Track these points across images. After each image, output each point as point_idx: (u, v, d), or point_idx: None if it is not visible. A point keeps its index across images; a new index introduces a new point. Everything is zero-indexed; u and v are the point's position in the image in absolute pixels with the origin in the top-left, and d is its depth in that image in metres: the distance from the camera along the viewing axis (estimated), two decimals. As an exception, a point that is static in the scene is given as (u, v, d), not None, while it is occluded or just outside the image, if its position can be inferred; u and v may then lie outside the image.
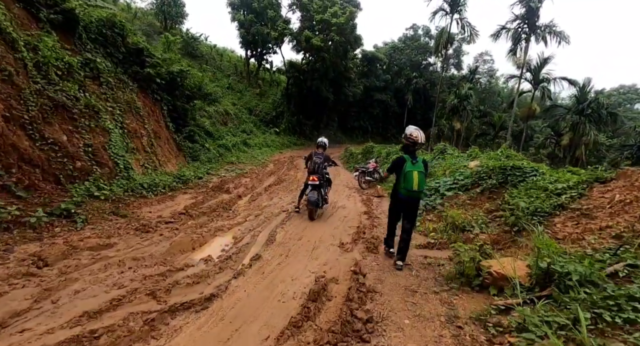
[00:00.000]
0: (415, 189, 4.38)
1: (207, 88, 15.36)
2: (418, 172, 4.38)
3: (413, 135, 4.51)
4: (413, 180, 4.37)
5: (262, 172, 14.09)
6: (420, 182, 4.39)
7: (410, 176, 4.38)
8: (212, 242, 5.45)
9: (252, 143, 22.73)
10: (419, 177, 4.37)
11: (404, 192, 4.49)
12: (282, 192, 10.08)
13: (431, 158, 12.99)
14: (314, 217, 7.08)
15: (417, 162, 4.46)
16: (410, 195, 4.49)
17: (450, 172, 9.79)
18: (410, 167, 4.41)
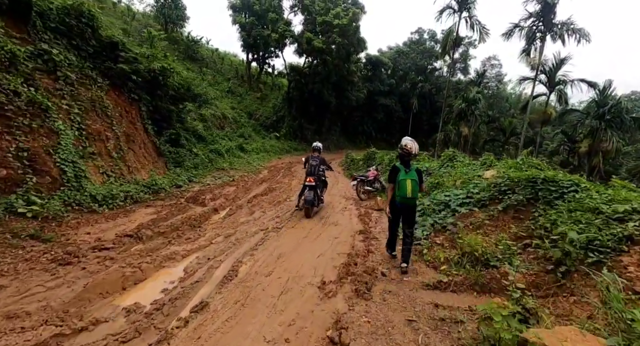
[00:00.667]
0: (408, 196, 4.64)
1: (197, 88, 14.15)
2: (411, 180, 4.65)
3: (407, 146, 4.77)
4: (406, 188, 4.63)
5: (252, 180, 12.72)
6: (413, 189, 4.66)
7: (404, 184, 4.65)
8: (152, 278, 4.07)
9: (249, 148, 21.46)
10: (412, 185, 4.64)
11: (399, 199, 4.73)
12: (267, 204, 8.68)
13: (438, 165, 11.52)
14: (310, 214, 7.58)
15: (410, 170, 4.74)
16: (405, 202, 4.73)
17: (462, 183, 8.31)
18: (404, 175, 4.68)
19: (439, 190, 8.71)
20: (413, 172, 4.72)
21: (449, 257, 4.82)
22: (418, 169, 4.84)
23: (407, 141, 4.84)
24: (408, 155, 4.79)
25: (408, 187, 4.61)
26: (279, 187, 11.57)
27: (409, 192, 4.61)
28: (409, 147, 4.77)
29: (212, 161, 14.69)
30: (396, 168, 4.83)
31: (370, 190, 10.82)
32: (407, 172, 4.70)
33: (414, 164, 4.92)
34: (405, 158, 4.83)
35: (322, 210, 8.49)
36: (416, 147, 4.85)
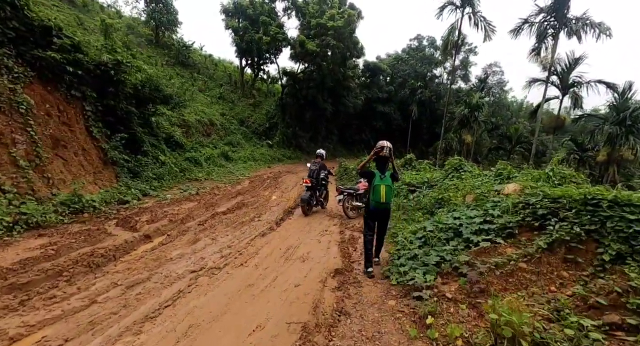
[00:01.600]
0: (382, 201, 4.70)
1: (168, 89, 12.32)
2: (385, 185, 4.67)
3: (380, 144, 4.76)
4: (380, 193, 4.66)
5: (224, 193, 10.71)
6: (387, 195, 4.69)
7: (378, 189, 4.67)
8: None
9: (235, 156, 19.54)
10: (386, 190, 4.67)
11: (373, 203, 4.75)
12: (225, 226, 6.65)
13: (442, 176, 9.50)
14: (307, 213, 8.22)
15: (385, 177, 4.71)
16: (378, 207, 4.78)
17: (476, 200, 6.28)
18: (379, 181, 4.68)
19: (445, 209, 6.67)
20: (388, 178, 4.73)
21: (471, 339, 2.77)
22: (392, 174, 4.86)
23: (383, 142, 4.80)
24: (381, 149, 4.72)
25: (382, 193, 4.65)
26: (253, 202, 9.56)
27: (382, 197, 4.67)
28: (381, 144, 4.77)
29: (185, 171, 12.75)
30: (372, 173, 4.83)
31: (360, 205, 8.79)
32: (382, 177, 4.70)
33: (389, 169, 4.88)
34: (380, 162, 4.82)
35: (296, 233, 6.49)
36: (388, 145, 4.78)
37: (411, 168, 12.28)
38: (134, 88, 10.80)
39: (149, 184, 9.76)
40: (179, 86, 16.82)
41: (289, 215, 8.21)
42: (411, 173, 11.24)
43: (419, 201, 8.42)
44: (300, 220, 7.85)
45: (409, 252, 5.10)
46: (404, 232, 6.27)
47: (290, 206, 9.33)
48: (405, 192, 9.78)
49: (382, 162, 4.81)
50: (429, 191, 9.03)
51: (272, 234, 6.34)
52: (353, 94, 30.39)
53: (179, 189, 10.43)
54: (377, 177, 4.73)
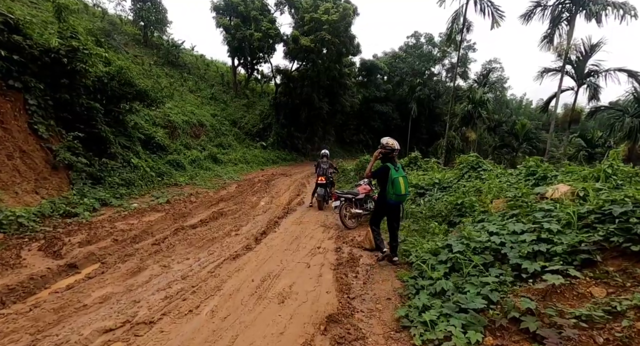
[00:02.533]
0: (403, 193, 4.53)
1: (141, 84, 10.80)
2: (403, 177, 4.53)
3: (389, 143, 4.62)
4: (400, 185, 4.47)
5: (204, 200, 9.17)
6: (406, 186, 4.55)
7: (398, 182, 4.46)
8: None
9: (225, 159, 18.00)
10: (404, 182, 4.52)
11: (394, 197, 4.53)
12: (188, 246, 5.09)
13: (455, 176, 7.98)
14: (322, 207, 8.83)
15: (399, 168, 4.61)
16: (399, 200, 4.65)
17: (511, 208, 4.75)
18: (395, 173, 4.50)
19: (470, 219, 5.13)
20: (401, 170, 4.64)
21: None
22: (402, 166, 4.75)
23: (387, 139, 4.74)
24: (392, 151, 4.62)
25: (402, 184, 4.49)
26: (234, 211, 8.02)
27: (403, 188, 4.51)
28: (391, 144, 4.63)
29: (163, 175, 11.21)
30: (387, 167, 4.58)
31: (360, 213, 7.26)
32: (397, 169, 4.56)
33: (399, 162, 4.76)
34: (389, 156, 4.65)
35: (279, 253, 4.95)
36: (396, 143, 4.67)
37: (416, 167, 10.77)
38: (100, 82, 9.30)
39: (114, 191, 8.20)
40: (166, 84, 15.30)
41: (275, 227, 6.67)
42: (417, 173, 9.72)
43: (431, 207, 6.89)
44: (288, 233, 6.31)
45: (431, 283, 3.58)
46: (419, 249, 4.75)
47: (278, 215, 7.80)
48: (413, 195, 8.25)
49: (392, 154, 4.64)
50: (441, 194, 7.51)
51: (247, 255, 4.79)
52: (350, 93, 28.90)
53: (151, 196, 8.88)
54: (392, 169, 4.52)
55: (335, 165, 9.99)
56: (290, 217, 7.80)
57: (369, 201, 7.75)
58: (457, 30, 18.52)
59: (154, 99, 11.42)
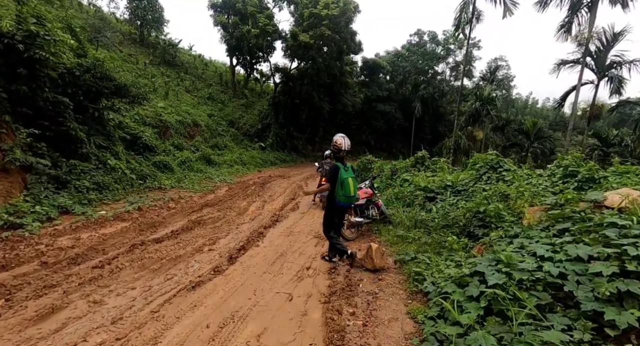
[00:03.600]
0: (352, 194, 4.31)
1: (120, 78, 9.76)
2: (352, 178, 4.33)
3: (337, 142, 4.38)
4: (350, 186, 4.27)
5: (186, 205, 8.08)
6: (354, 187, 4.35)
7: (347, 183, 4.25)
8: None
9: (220, 160, 16.94)
10: (353, 183, 4.32)
11: (343, 198, 4.28)
12: (140, 269, 3.96)
13: (471, 179, 6.81)
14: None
15: (348, 169, 4.41)
16: (348, 202, 4.38)
17: (555, 219, 3.58)
18: (345, 174, 4.28)
19: (499, 232, 3.97)
20: (350, 170, 4.43)
21: None
22: (352, 166, 4.56)
23: (337, 137, 4.46)
24: (338, 151, 4.35)
25: (351, 185, 4.27)
26: (216, 218, 6.91)
27: (352, 190, 4.29)
28: (339, 143, 4.35)
29: (146, 178, 10.15)
30: (337, 168, 4.31)
31: (360, 222, 6.13)
32: (346, 170, 4.33)
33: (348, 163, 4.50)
34: (337, 156, 4.41)
35: (254, 278, 3.82)
36: (347, 143, 4.42)
37: (424, 168, 9.60)
38: (70, 74, 8.25)
39: (81, 197, 7.13)
40: (160, 83, 14.25)
41: (258, 239, 5.54)
42: (425, 174, 8.56)
43: (445, 214, 5.73)
44: (273, 247, 5.18)
45: (460, 333, 2.44)
46: (435, 272, 3.61)
47: (266, 223, 6.68)
48: (421, 199, 7.10)
49: (338, 154, 4.40)
50: (456, 199, 6.35)
51: (213, 282, 3.67)
52: (352, 92, 27.79)
53: (126, 202, 7.80)
54: (342, 169, 4.29)
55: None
56: (280, 226, 6.67)
57: (370, 207, 6.61)
58: (465, 19, 17.29)
59: (136, 95, 10.36)
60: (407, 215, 6.45)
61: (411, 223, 6.15)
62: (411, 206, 7.18)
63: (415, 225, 6.06)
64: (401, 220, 6.40)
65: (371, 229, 6.55)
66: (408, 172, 9.47)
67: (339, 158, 4.41)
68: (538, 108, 43.96)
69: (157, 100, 18.71)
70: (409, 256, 4.57)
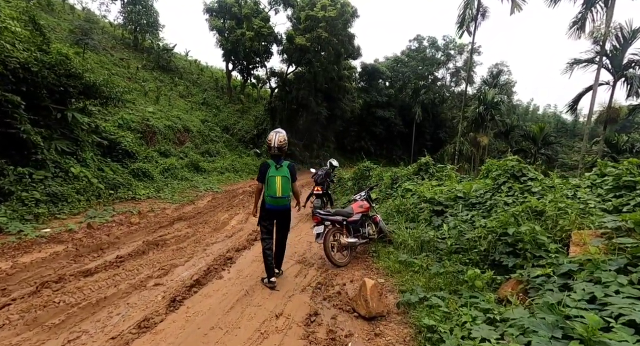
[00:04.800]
0: (279, 195, 3.73)
1: (90, 77, 8.67)
2: (281, 176, 3.75)
3: (269, 138, 3.85)
4: (276, 186, 3.72)
5: (154, 220, 6.90)
6: (283, 187, 3.74)
7: (273, 181, 3.73)
8: None
9: (210, 167, 15.81)
10: (281, 182, 3.74)
11: (268, 199, 3.78)
12: (28, 325, 2.76)
13: (486, 189, 5.61)
14: None
15: (281, 166, 3.80)
16: (276, 204, 3.78)
17: (627, 252, 2.39)
18: (274, 172, 3.76)
19: (544, 271, 2.75)
20: (285, 169, 3.80)
21: None
22: (291, 165, 3.92)
23: (271, 132, 3.88)
24: (268, 148, 3.84)
25: (277, 185, 3.71)
26: (184, 236, 5.71)
27: (278, 189, 3.71)
28: (269, 139, 3.82)
29: (118, 187, 9.00)
30: (266, 165, 3.85)
31: (354, 243, 4.93)
32: (277, 168, 3.77)
33: (286, 161, 3.87)
34: (271, 153, 3.84)
35: (196, 337, 2.61)
36: (276, 139, 3.77)
37: (428, 176, 8.41)
38: (26, 70, 7.16)
39: (26, 211, 5.96)
40: (152, 87, 13.19)
41: (224, 267, 4.35)
42: (430, 183, 7.37)
43: (458, 234, 4.53)
44: (239, 280, 3.98)
45: None
46: (458, 332, 2.41)
47: (241, 243, 5.50)
48: (428, 213, 5.90)
49: (272, 151, 3.80)
50: (469, 214, 5.15)
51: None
52: (350, 97, 26.74)
53: (84, 216, 6.63)
54: (272, 167, 3.76)
55: (332, 176, 8.61)
56: (259, 246, 5.47)
57: (367, 224, 5.42)
58: (470, 16, 16.25)
59: (109, 96, 9.26)
60: (411, 234, 5.25)
61: (416, 244, 4.95)
62: (415, 221, 5.98)
63: (422, 247, 4.86)
64: (404, 239, 5.20)
65: (367, 251, 5.35)
66: (410, 180, 8.27)
67: (272, 156, 3.86)
68: (539, 115, 42.87)
69: (147, 104, 17.74)
70: (416, 295, 3.36)
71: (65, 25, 19.51)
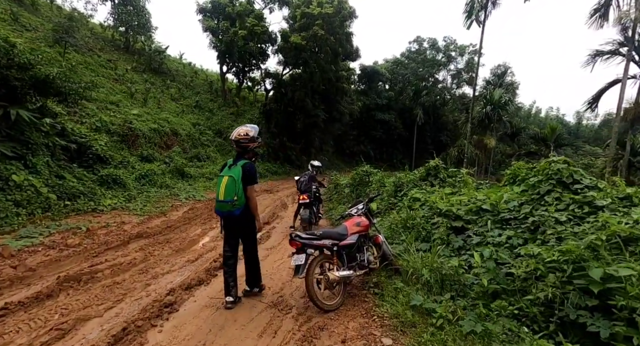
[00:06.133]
0: (221, 199, 3.16)
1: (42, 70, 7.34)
2: (228, 177, 3.18)
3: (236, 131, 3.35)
4: (220, 187, 3.19)
5: (101, 241, 5.51)
6: (227, 189, 3.13)
7: (219, 182, 3.25)
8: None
9: (197, 173, 14.45)
10: (227, 182, 3.15)
11: (216, 205, 3.30)
12: None
13: (525, 198, 4.20)
14: None
15: (234, 165, 3.24)
16: (219, 208, 3.25)
17: None
18: (225, 171, 3.30)
19: None
20: (237, 168, 3.20)
21: None
22: (247, 164, 3.27)
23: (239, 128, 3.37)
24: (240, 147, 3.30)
25: (222, 186, 3.17)
26: (126, 265, 4.31)
27: (221, 192, 3.17)
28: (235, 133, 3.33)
29: (78, 197, 7.66)
30: (225, 163, 3.46)
31: (347, 277, 3.51)
32: (230, 167, 3.29)
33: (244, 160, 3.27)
34: (238, 150, 3.35)
35: None
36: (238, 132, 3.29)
37: (438, 182, 7.00)
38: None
39: None
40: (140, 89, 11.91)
41: (157, 319, 2.94)
42: (443, 191, 5.96)
43: (497, 269, 3.12)
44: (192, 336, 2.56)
45: None
46: None
47: (200, 274, 4.09)
48: (444, 231, 4.50)
49: (239, 149, 3.34)
50: (505, 234, 3.75)
51: None
52: (349, 99, 25.45)
53: (14, 237, 5.23)
54: (227, 167, 3.34)
55: (321, 179, 7.84)
56: (220, 280, 4.05)
57: (366, 248, 4.01)
58: (479, 4, 14.91)
59: (67, 92, 7.92)
60: (425, 261, 3.84)
61: (433, 277, 3.53)
62: (429, 241, 4.58)
63: (442, 282, 3.45)
64: (416, 268, 3.79)
65: (366, 283, 3.94)
66: (418, 187, 6.87)
67: (237, 154, 3.40)
68: (542, 117, 41.55)
69: (133, 106, 16.48)
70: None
71: (50, 25, 18.33)
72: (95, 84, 14.80)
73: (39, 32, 17.08)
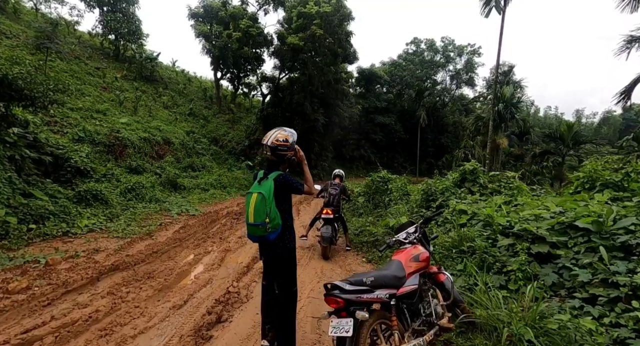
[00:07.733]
0: (249, 221, 2.32)
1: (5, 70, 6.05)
2: (257, 193, 2.30)
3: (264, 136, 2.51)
4: (249, 207, 2.31)
5: (53, 284, 4.15)
6: (256, 210, 2.27)
7: (248, 200, 2.37)
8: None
9: (191, 184, 13.11)
10: (256, 201, 2.28)
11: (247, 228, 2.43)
12: None
13: (628, 211, 2.97)
14: (328, 255, 5.45)
15: (266, 179, 2.36)
16: (251, 232, 2.39)
17: None
18: (254, 187, 2.40)
19: None
20: (268, 182, 2.33)
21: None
22: (281, 177, 2.37)
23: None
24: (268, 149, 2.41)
25: (251, 206, 2.28)
26: (87, 321, 2.97)
27: (250, 213, 2.28)
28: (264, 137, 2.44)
29: (47, 218, 6.33)
30: (255, 175, 2.53)
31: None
32: (260, 181, 2.38)
33: (277, 171, 2.40)
34: (267, 157, 2.47)
35: None
36: (275, 137, 2.38)
37: (478, 188, 5.75)
38: None
39: None
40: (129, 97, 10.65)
41: None
42: (495, 201, 4.71)
43: None
44: None
45: None
46: None
47: (184, 339, 2.77)
48: (524, 259, 3.23)
49: (275, 158, 2.42)
50: (627, 267, 2.47)
51: None
52: (348, 103, 24.33)
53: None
54: (255, 183, 2.41)
55: (348, 191, 6.71)
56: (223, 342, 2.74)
57: (430, 293, 2.74)
58: None
59: (32, 96, 6.62)
60: (515, 310, 2.56)
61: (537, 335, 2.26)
62: (500, 272, 3.31)
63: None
64: (498, 321, 2.52)
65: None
66: (454, 195, 5.62)
67: (267, 163, 2.49)
68: (541, 117, 40.83)
69: (121, 115, 15.18)
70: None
71: (32, 33, 17.06)
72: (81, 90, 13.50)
73: (20, 39, 15.84)
